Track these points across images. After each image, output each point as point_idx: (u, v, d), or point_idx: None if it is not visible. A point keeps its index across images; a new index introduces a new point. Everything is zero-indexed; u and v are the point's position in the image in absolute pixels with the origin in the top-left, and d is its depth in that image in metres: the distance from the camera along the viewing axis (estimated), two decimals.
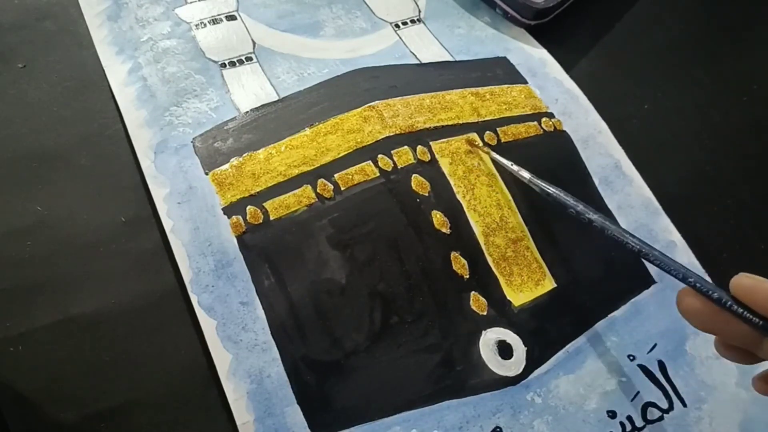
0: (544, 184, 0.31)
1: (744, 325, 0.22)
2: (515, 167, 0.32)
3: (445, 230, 0.31)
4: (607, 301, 0.33)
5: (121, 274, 0.30)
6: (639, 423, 0.30)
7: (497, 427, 0.28)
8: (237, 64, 0.35)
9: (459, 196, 0.32)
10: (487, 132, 0.35)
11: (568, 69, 0.40)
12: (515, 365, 0.30)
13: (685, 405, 0.30)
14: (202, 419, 0.27)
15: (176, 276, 0.29)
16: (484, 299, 0.31)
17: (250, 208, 0.30)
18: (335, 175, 0.31)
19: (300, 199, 0.31)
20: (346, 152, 0.32)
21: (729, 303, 0.22)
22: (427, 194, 0.32)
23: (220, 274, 0.29)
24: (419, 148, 0.33)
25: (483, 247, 0.32)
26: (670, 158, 0.38)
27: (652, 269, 0.34)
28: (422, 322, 0.30)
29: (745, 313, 0.22)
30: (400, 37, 0.39)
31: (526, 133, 0.36)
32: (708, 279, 0.34)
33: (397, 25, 0.40)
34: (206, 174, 0.31)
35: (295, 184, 0.31)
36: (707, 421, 0.30)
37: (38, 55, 0.35)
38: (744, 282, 0.22)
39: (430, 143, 0.33)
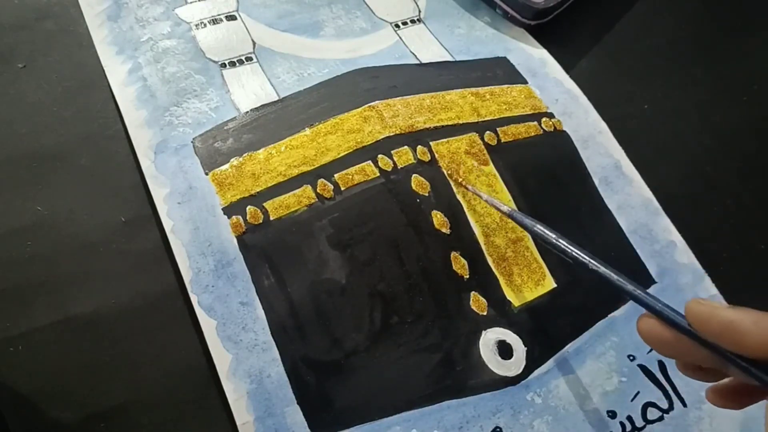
0: (527, 220, 0.29)
1: (705, 351, 0.21)
2: (497, 203, 0.31)
3: (445, 230, 0.31)
4: (607, 301, 0.32)
5: (121, 274, 0.30)
6: (639, 423, 0.30)
7: (497, 427, 0.28)
8: (237, 64, 0.35)
9: (459, 196, 0.32)
10: (487, 132, 0.35)
11: (568, 69, 0.40)
12: (515, 365, 0.30)
13: (685, 405, 0.30)
14: (202, 419, 0.27)
15: (176, 276, 0.29)
16: (484, 299, 0.31)
17: (250, 208, 0.30)
18: (335, 175, 0.31)
19: (300, 199, 0.30)
20: (346, 152, 0.32)
21: (690, 330, 0.21)
22: (427, 194, 0.32)
23: (220, 274, 0.29)
24: (419, 148, 0.33)
25: (483, 247, 0.32)
26: (670, 158, 0.38)
27: (652, 269, 0.34)
28: (422, 322, 0.29)
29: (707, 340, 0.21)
30: (400, 37, 0.39)
31: (526, 133, 0.36)
32: (712, 286, 0.34)
33: (397, 25, 0.40)
34: (206, 174, 0.31)
35: (295, 184, 0.31)
36: (707, 421, 0.30)
37: (38, 55, 0.35)
38: (697, 309, 0.21)
39: (430, 143, 0.33)
